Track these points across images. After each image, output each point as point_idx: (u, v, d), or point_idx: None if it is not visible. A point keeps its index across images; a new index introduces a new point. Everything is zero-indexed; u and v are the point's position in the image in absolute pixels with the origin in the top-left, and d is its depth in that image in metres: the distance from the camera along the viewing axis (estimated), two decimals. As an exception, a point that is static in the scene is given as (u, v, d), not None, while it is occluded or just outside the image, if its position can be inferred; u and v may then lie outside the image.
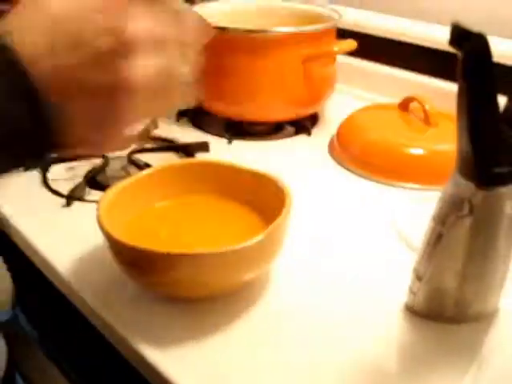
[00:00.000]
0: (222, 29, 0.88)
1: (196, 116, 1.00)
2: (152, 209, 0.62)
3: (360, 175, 0.82)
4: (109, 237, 0.53)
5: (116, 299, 0.58)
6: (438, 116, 0.84)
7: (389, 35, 1.05)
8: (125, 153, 0.86)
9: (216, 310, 0.56)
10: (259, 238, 0.51)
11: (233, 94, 0.92)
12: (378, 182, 0.80)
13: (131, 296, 0.58)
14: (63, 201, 0.76)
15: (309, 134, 0.94)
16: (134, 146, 0.88)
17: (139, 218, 0.60)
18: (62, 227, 0.71)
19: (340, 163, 0.85)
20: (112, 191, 0.59)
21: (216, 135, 0.95)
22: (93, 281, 0.61)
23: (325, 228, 0.70)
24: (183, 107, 0.46)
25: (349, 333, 0.54)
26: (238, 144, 0.93)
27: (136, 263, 0.54)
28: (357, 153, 0.84)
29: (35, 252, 0.67)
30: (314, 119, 0.99)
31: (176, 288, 0.54)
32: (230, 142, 0.92)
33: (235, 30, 0.89)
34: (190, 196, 0.64)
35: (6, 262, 0.70)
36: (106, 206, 0.56)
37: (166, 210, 0.62)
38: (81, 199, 0.76)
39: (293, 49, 0.88)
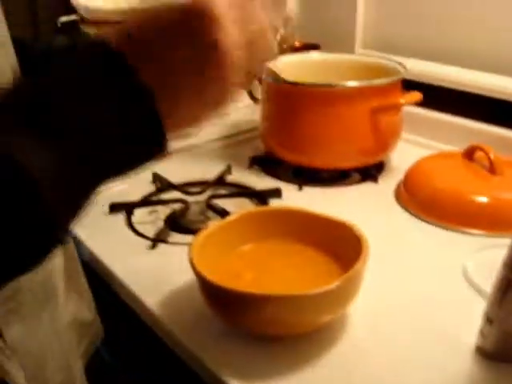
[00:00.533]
0: (295, 83, 0.94)
1: (267, 163, 1.06)
2: (236, 251, 0.68)
3: (427, 221, 0.85)
4: (201, 277, 0.58)
5: (203, 334, 0.64)
6: (503, 164, 0.87)
7: (452, 85, 1.08)
8: (203, 198, 0.92)
9: (298, 348, 0.61)
10: (338, 283, 0.55)
11: (303, 142, 0.98)
12: (445, 228, 0.83)
13: (217, 331, 0.63)
14: (148, 242, 0.82)
15: (375, 181, 0.99)
16: (211, 192, 0.94)
17: (225, 260, 0.66)
18: (149, 267, 0.77)
19: (407, 209, 0.89)
20: (201, 235, 0.65)
21: (286, 181, 1.00)
22: (180, 316, 0.66)
23: (395, 272, 0.74)
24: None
25: (422, 375, 0.57)
26: (308, 190, 0.98)
27: (224, 302, 0.59)
28: (424, 199, 0.88)
29: (125, 288, 0.73)
30: (380, 166, 1.04)
31: (261, 327, 0.59)
32: (300, 188, 0.97)
33: (307, 84, 0.95)
34: (270, 240, 0.69)
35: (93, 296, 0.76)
36: (197, 248, 0.62)
37: (249, 253, 0.68)
38: (164, 241, 0.82)
39: (361, 101, 0.93)
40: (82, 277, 0.70)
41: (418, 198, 0.89)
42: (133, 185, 1.00)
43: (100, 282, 0.79)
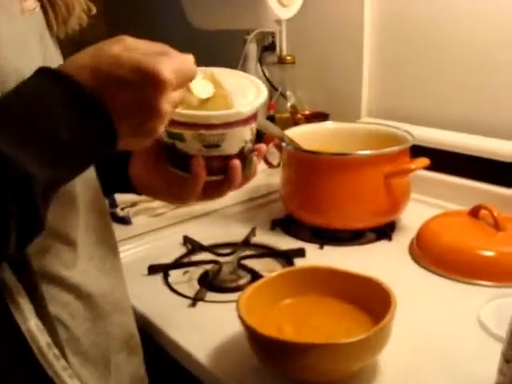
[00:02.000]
0: (314, 152, 1.05)
1: (287, 225, 1.15)
2: (277, 306, 0.76)
3: (440, 275, 0.94)
4: (250, 329, 0.67)
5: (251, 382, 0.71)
6: (506, 221, 0.96)
7: (455, 149, 1.19)
8: (233, 258, 1.00)
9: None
10: (371, 332, 0.64)
11: (321, 205, 1.07)
12: (457, 280, 0.92)
13: (265, 379, 0.71)
14: (187, 301, 0.90)
15: (390, 239, 1.08)
16: (240, 253, 1.03)
17: (267, 314, 0.74)
18: (192, 323, 0.85)
19: (421, 264, 0.98)
20: (246, 292, 0.73)
21: (306, 241, 1.09)
22: (230, 368, 0.74)
23: (415, 324, 0.81)
24: None
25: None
26: (328, 249, 1.06)
27: (271, 351, 0.67)
28: (435, 255, 0.97)
29: (174, 345, 0.81)
30: (392, 226, 1.13)
31: (302, 373, 0.67)
32: (321, 247, 1.06)
33: (325, 154, 1.05)
34: (307, 295, 0.77)
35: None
36: (244, 304, 0.70)
37: (288, 308, 0.76)
38: (202, 300, 0.90)
39: (374, 168, 1.03)
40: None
41: (430, 254, 0.97)
42: (164, 248, 1.09)
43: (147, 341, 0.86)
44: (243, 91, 0.65)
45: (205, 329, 0.83)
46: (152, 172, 0.71)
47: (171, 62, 0.52)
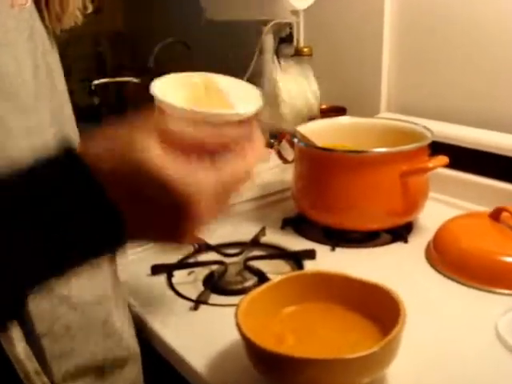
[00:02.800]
0: (327, 149, 1.00)
1: (299, 224, 1.11)
2: (279, 314, 0.71)
3: (457, 281, 0.88)
4: (247, 340, 0.62)
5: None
6: (529, 225, 0.91)
7: (477, 146, 1.13)
8: (240, 259, 0.96)
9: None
10: (379, 346, 0.59)
11: (335, 205, 1.02)
12: (475, 287, 0.86)
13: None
14: (189, 303, 0.86)
15: (405, 241, 1.02)
16: (247, 254, 0.98)
17: (268, 323, 0.69)
18: (192, 328, 0.81)
19: (437, 269, 0.92)
20: (246, 299, 0.69)
21: (317, 242, 1.04)
22: (227, 378, 0.70)
23: (429, 333, 0.77)
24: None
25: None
26: (340, 251, 1.01)
27: (268, 364, 0.63)
28: (453, 260, 0.91)
29: (171, 351, 0.77)
30: (409, 227, 1.07)
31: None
32: (333, 249, 1.01)
33: (338, 151, 1.00)
34: (311, 303, 0.72)
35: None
36: (243, 311, 0.66)
37: (291, 316, 0.71)
38: (206, 303, 0.86)
39: (389, 165, 0.98)
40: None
41: (447, 259, 0.92)
42: (171, 246, 1.05)
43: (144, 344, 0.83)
44: (241, 95, 0.64)
45: (205, 334, 0.79)
46: None
47: (214, 183, 0.44)
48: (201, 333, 0.79)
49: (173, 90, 0.65)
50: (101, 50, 2.42)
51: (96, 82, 1.85)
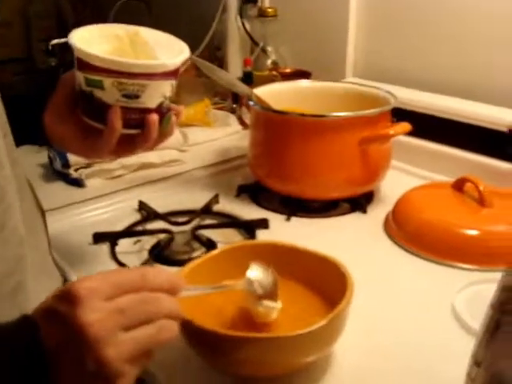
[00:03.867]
0: (284, 112, 0.94)
1: (255, 192, 1.05)
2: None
3: (416, 254, 0.84)
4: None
5: (182, 374, 0.62)
6: (493, 196, 0.86)
7: (442, 114, 1.08)
8: (189, 228, 0.90)
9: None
10: (322, 323, 0.54)
11: (292, 172, 0.96)
12: (434, 261, 0.82)
13: (197, 371, 0.61)
14: (131, 275, 0.80)
15: (364, 211, 0.97)
16: (197, 223, 0.93)
17: (208, 295, 0.64)
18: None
19: (395, 241, 0.88)
20: (183, 271, 0.63)
21: (274, 211, 0.99)
22: (160, 352, 0.64)
23: (382, 308, 0.72)
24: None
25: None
26: (296, 220, 0.96)
27: (202, 341, 0.57)
28: (412, 232, 0.87)
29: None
30: (369, 196, 1.02)
31: (241, 368, 0.57)
32: (288, 218, 0.96)
33: (296, 114, 0.94)
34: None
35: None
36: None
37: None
38: (148, 274, 0.80)
39: (350, 132, 0.92)
40: None
41: (407, 230, 0.87)
42: (118, 213, 0.99)
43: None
44: (168, 48, 0.66)
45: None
46: (65, 122, 0.67)
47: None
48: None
49: (96, 42, 0.63)
50: (61, 8, 2.31)
51: (54, 41, 1.76)
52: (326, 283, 0.63)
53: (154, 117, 0.63)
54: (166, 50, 0.66)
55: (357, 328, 0.64)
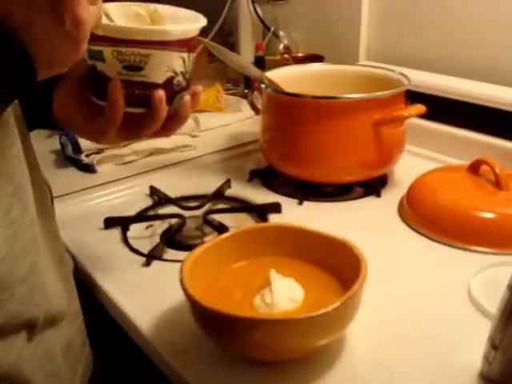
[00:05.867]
0: (296, 95, 0.92)
1: (267, 177, 1.04)
2: (229, 269, 0.65)
3: (430, 238, 0.82)
4: (190, 298, 0.56)
5: (194, 357, 0.61)
6: (509, 178, 0.84)
7: (458, 97, 1.06)
8: (200, 212, 0.90)
9: (292, 373, 0.58)
10: (335, 305, 0.53)
11: (304, 156, 0.95)
12: (449, 244, 0.80)
13: (209, 354, 0.61)
14: (143, 259, 0.80)
15: (378, 195, 0.96)
16: (208, 207, 0.92)
17: (217, 279, 0.63)
18: (142, 285, 0.75)
19: (409, 225, 0.86)
20: (193, 254, 0.62)
21: (287, 196, 0.98)
22: (172, 338, 0.64)
23: (397, 291, 0.71)
24: None
25: (423, 400, 0.55)
26: (309, 205, 0.95)
27: (212, 324, 0.57)
28: (427, 215, 0.85)
29: (116, 308, 0.71)
30: (383, 180, 1.01)
31: (252, 350, 0.56)
32: (300, 202, 0.95)
33: (309, 97, 0.92)
34: (265, 258, 0.66)
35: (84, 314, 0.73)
36: (189, 268, 0.59)
37: (240, 271, 0.65)
38: (159, 258, 0.80)
39: (363, 114, 0.91)
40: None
41: (421, 214, 0.86)
42: (129, 198, 0.98)
43: (92, 301, 0.77)
44: (181, 20, 0.61)
45: (155, 292, 0.72)
46: (74, 103, 0.63)
47: None
48: (150, 290, 0.73)
49: (119, 21, 0.59)
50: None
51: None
52: (341, 265, 0.62)
53: (160, 92, 0.57)
54: (182, 20, 0.61)
55: (370, 311, 0.63)
